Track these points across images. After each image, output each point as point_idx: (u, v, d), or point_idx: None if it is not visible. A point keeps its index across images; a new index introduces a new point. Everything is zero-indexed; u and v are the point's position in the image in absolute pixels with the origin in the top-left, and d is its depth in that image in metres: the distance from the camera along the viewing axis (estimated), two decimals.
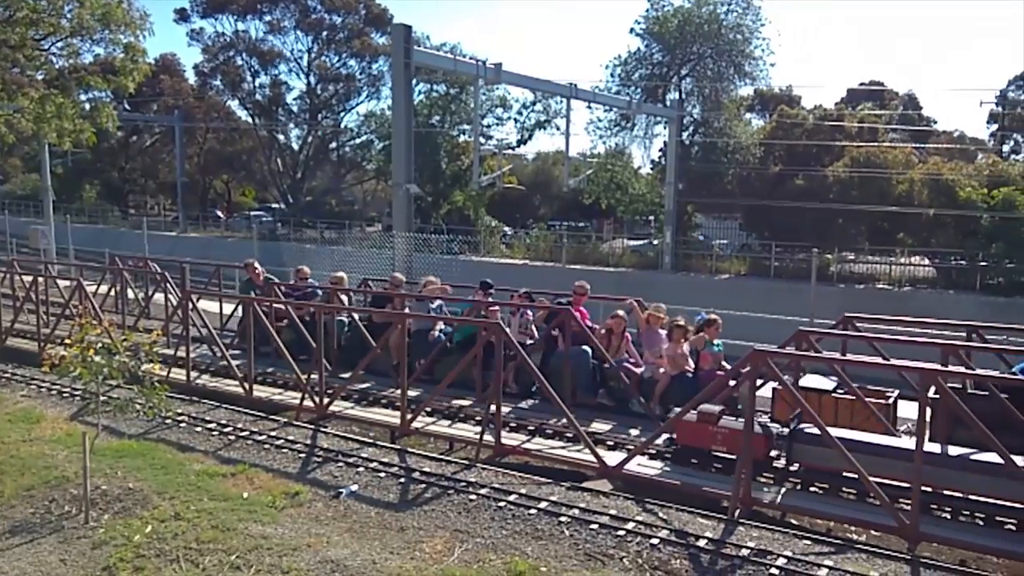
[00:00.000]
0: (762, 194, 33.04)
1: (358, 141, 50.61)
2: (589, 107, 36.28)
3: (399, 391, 9.75)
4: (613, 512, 7.32)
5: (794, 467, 7.95)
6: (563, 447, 9.07)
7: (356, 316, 12.38)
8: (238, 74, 48.29)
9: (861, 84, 49.56)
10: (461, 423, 9.96)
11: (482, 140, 38.90)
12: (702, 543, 6.71)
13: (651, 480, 8.11)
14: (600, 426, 9.58)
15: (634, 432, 9.36)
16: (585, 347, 10.43)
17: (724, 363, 9.79)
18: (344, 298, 13.11)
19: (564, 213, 48.39)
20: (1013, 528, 6.90)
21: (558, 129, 42.48)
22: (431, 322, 11.58)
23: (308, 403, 10.42)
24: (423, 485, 8.12)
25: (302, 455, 9.08)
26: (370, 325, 11.86)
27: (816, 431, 7.33)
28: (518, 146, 44.55)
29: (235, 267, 19.85)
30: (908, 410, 9.06)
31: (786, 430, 7.96)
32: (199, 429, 9.99)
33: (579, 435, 8.56)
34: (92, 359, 7.76)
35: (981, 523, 7.04)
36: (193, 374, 11.81)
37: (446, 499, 7.76)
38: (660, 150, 39.28)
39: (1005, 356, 9.20)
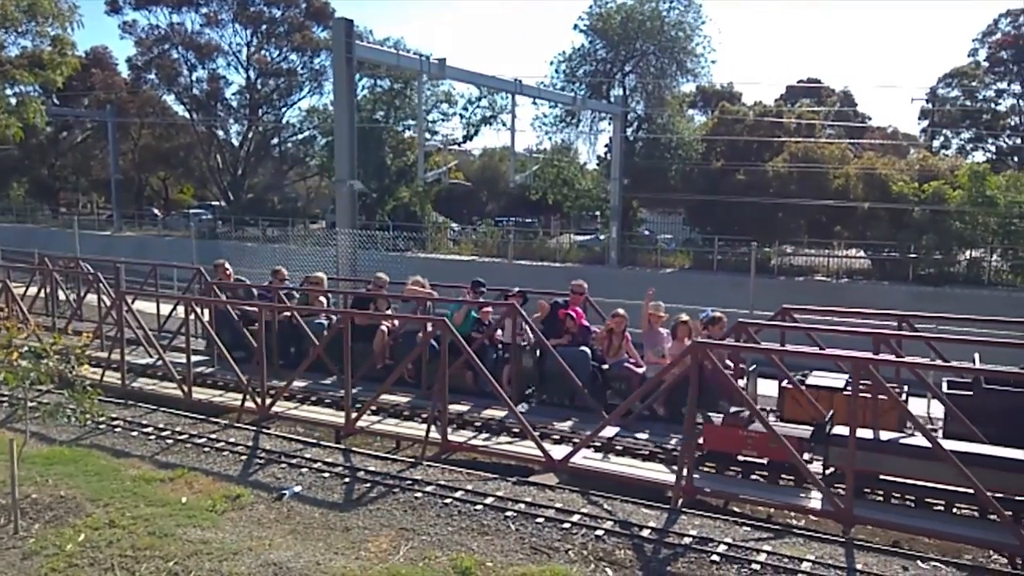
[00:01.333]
0: (705, 189, 33.61)
1: (300, 137, 49.74)
2: (534, 103, 36.46)
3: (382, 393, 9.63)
4: (559, 505, 7.36)
5: (829, 471, 7.51)
6: (510, 442, 9.09)
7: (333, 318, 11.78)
8: (174, 68, 46.89)
9: (799, 81, 50.75)
10: (408, 421, 9.89)
11: (427, 136, 38.73)
12: (646, 532, 6.80)
13: (597, 472, 8.19)
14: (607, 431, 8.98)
15: (642, 436, 8.95)
16: (584, 347, 10.25)
17: (728, 361, 9.50)
18: (323, 300, 12.62)
19: (511, 209, 48.51)
20: (941, 509, 7.17)
21: (504, 125, 42.54)
22: (419, 324, 10.84)
23: (250, 404, 10.21)
24: (368, 484, 8.04)
25: (244, 457, 8.89)
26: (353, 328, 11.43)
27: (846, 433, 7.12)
28: (464, 142, 44.51)
29: (173, 267, 19.40)
30: (918, 407, 9.30)
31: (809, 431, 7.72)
32: (135, 434, 9.69)
33: (525, 430, 8.58)
34: (18, 363, 7.46)
35: (911, 505, 7.31)
36: (129, 377, 11.46)
37: (391, 498, 7.70)
38: (605, 146, 39.66)
39: (932, 344, 9.55)
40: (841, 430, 7.25)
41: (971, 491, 6.62)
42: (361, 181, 20.61)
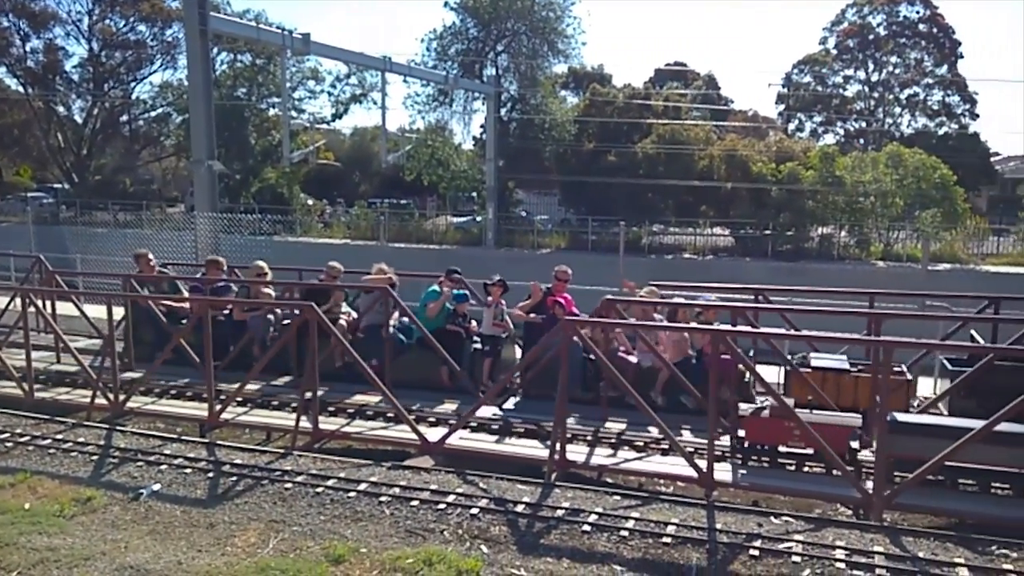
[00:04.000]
0: (578, 170, 34.31)
1: (153, 114, 46.46)
2: (406, 81, 35.86)
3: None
4: (434, 487, 7.32)
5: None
6: (384, 427, 8.95)
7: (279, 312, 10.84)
8: (4, 37, 42.57)
9: (667, 65, 52.64)
10: (278, 411, 9.53)
11: (293, 114, 37.29)
12: (520, 508, 6.88)
13: (473, 451, 8.20)
14: (614, 425, 8.77)
15: (654, 431, 8.25)
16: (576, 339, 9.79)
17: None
18: (270, 291, 11.14)
19: (385, 190, 47.52)
20: (792, 468, 7.65)
21: (375, 103, 41.75)
22: (383, 317, 10.20)
23: (101, 401, 9.51)
24: (234, 478, 7.70)
25: (95, 457, 8.29)
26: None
27: (911, 420, 7.15)
28: (333, 120, 43.24)
29: (9, 255, 17.79)
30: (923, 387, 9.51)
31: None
32: None
33: (399, 414, 8.46)
34: None
35: (767, 466, 7.76)
36: None
37: (260, 490, 7.40)
38: (480, 126, 39.63)
39: (786, 316, 10.14)
40: (899, 417, 7.12)
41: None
42: (222, 161, 19.54)
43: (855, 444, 7.53)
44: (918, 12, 45.94)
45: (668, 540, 6.30)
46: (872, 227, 31.14)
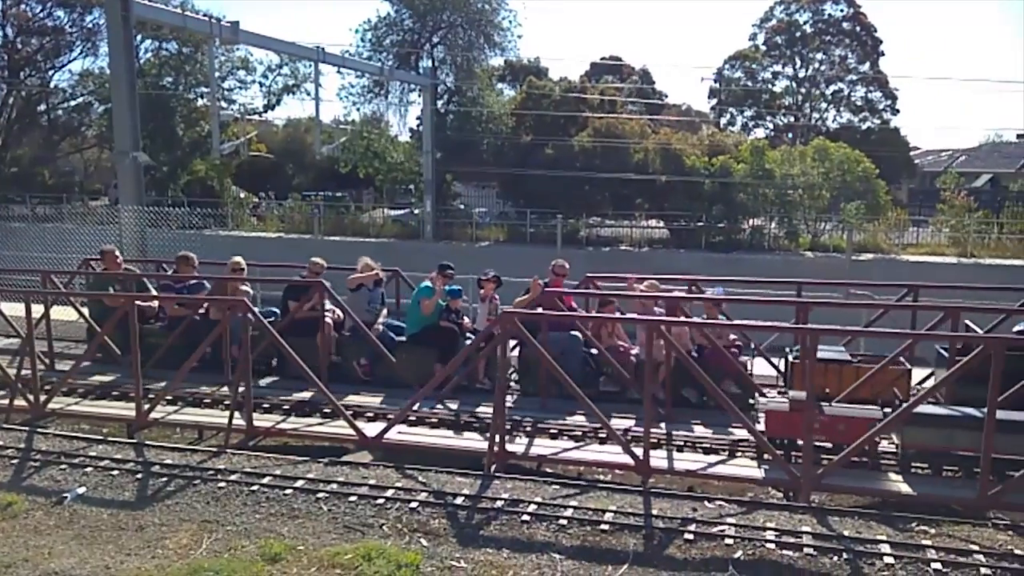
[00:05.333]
0: (515, 163, 34.35)
1: (74, 103, 44.47)
2: (340, 72, 35.29)
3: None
4: (373, 482, 7.25)
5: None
6: (321, 423, 8.81)
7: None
8: None
9: (602, 58, 53.13)
10: (211, 409, 9.28)
11: (223, 104, 36.20)
12: (460, 500, 6.87)
13: (412, 445, 8.15)
14: (619, 422, 8.42)
15: (626, 424, 8.33)
16: (574, 332, 9.49)
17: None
18: (248, 288, 10.70)
19: (320, 183, 46.64)
20: (724, 455, 7.88)
21: (308, 94, 40.74)
22: (372, 316, 9.96)
23: (21, 402, 9.09)
24: (165, 479, 7.47)
25: (15, 461, 7.93)
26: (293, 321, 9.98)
27: (932, 411, 7.13)
28: (265, 112, 42.15)
29: None
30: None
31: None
32: None
33: (336, 409, 8.35)
34: None
35: (703, 452, 7.95)
36: None
37: (192, 490, 7.21)
38: (417, 118, 39.32)
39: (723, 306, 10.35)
40: (923, 409, 7.10)
41: None
42: (148, 153, 18.90)
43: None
44: (842, 10, 47.56)
45: (606, 527, 6.39)
46: (800, 219, 32.15)
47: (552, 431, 8.48)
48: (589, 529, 6.39)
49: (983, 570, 5.75)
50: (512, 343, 9.34)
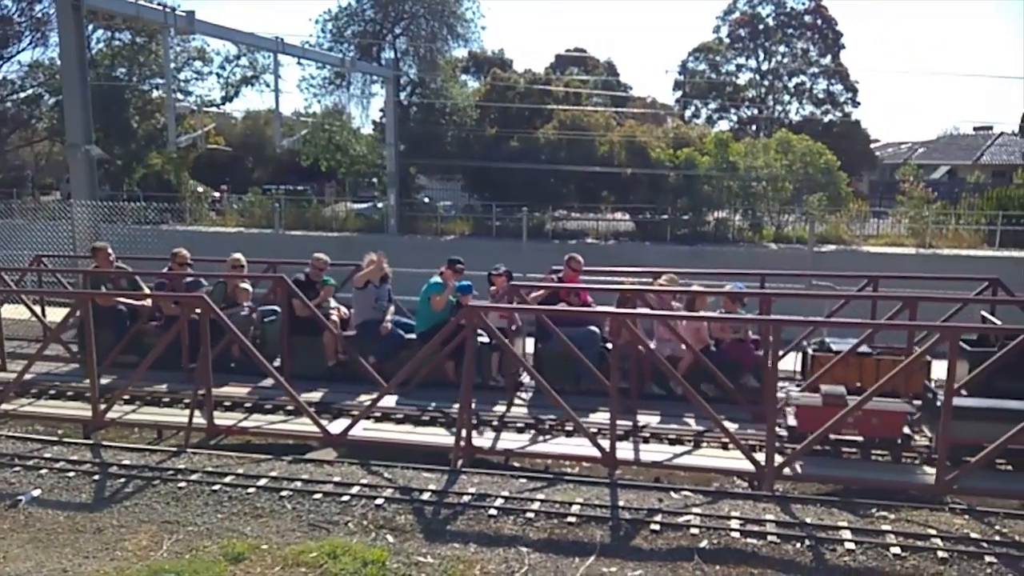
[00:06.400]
0: (480, 155, 34.20)
1: (23, 95, 43.12)
2: (300, 63, 34.85)
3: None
4: (338, 479, 7.17)
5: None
6: (284, 420, 8.69)
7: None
8: None
9: (567, 50, 53.06)
10: (170, 408, 9.09)
11: (179, 96, 35.49)
12: (426, 496, 6.82)
13: (377, 441, 8.07)
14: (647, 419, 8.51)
15: (692, 423, 8.32)
16: (593, 327, 9.31)
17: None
18: (248, 287, 10.33)
19: (281, 176, 45.86)
20: (691, 447, 7.93)
21: (268, 86, 40.07)
22: (380, 313, 9.79)
23: None
24: (123, 479, 7.30)
25: None
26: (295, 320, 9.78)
27: (970, 404, 7.04)
28: (223, 104, 41.21)
29: None
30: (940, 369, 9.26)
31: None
32: None
33: (299, 406, 8.24)
34: None
35: (668, 443, 8.00)
36: None
37: (151, 491, 7.05)
38: (380, 110, 38.91)
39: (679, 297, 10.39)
40: (958, 402, 6.95)
41: None
42: (101, 146, 18.42)
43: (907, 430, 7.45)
44: (804, 4, 48.25)
45: (573, 519, 6.40)
46: (764, 211, 32.52)
47: (519, 425, 8.47)
48: (556, 522, 6.39)
49: (940, 553, 5.88)
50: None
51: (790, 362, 9.81)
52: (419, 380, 8.27)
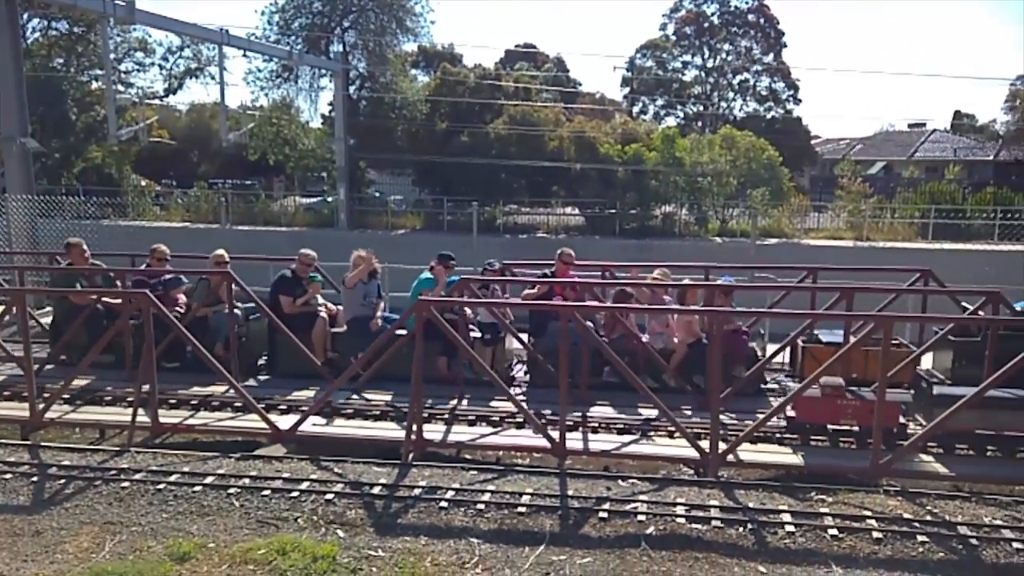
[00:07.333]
0: (431, 150, 34.07)
1: None
2: (246, 56, 34.15)
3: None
4: (287, 475, 7.10)
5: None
6: (232, 417, 8.56)
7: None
8: None
9: (517, 46, 53.23)
10: (112, 407, 8.88)
11: (120, 88, 34.47)
12: (377, 490, 6.81)
13: (328, 437, 8.03)
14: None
15: (695, 417, 8.35)
16: (587, 322, 9.05)
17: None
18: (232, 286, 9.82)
19: (227, 170, 44.99)
20: (636, 435, 8.08)
21: (212, 78, 39.25)
22: (370, 309, 9.74)
23: None
24: (63, 480, 7.11)
25: None
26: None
27: (955, 392, 7.19)
28: (166, 96, 40.37)
29: None
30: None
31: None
32: None
33: (248, 403, 8.13)
34: None
35: (617, 433, 8.14)
36: None
37: (93, 492, 6.88)
38: (328, 104, 38.43)
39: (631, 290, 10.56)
40: (947, 391, 7.34)
41: None
42: (38, 139, 17.81)
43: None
44: (747, 2, 49.22)
45: (523, 510, 6.47)
46: (709, 205, 33.13)
47: (470, 418, 8.51)
48: (507, 512, 6.46)
49: (875, 533, 6.12)
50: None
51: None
52: (373, 374, 8.24)
